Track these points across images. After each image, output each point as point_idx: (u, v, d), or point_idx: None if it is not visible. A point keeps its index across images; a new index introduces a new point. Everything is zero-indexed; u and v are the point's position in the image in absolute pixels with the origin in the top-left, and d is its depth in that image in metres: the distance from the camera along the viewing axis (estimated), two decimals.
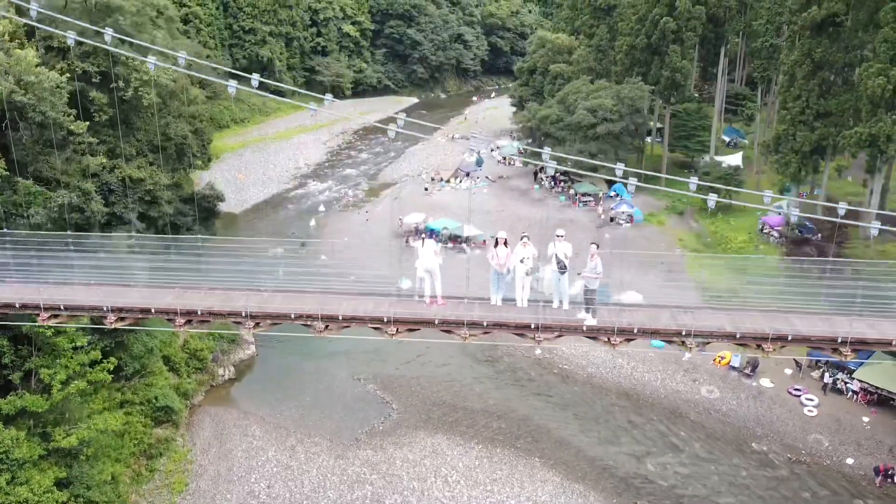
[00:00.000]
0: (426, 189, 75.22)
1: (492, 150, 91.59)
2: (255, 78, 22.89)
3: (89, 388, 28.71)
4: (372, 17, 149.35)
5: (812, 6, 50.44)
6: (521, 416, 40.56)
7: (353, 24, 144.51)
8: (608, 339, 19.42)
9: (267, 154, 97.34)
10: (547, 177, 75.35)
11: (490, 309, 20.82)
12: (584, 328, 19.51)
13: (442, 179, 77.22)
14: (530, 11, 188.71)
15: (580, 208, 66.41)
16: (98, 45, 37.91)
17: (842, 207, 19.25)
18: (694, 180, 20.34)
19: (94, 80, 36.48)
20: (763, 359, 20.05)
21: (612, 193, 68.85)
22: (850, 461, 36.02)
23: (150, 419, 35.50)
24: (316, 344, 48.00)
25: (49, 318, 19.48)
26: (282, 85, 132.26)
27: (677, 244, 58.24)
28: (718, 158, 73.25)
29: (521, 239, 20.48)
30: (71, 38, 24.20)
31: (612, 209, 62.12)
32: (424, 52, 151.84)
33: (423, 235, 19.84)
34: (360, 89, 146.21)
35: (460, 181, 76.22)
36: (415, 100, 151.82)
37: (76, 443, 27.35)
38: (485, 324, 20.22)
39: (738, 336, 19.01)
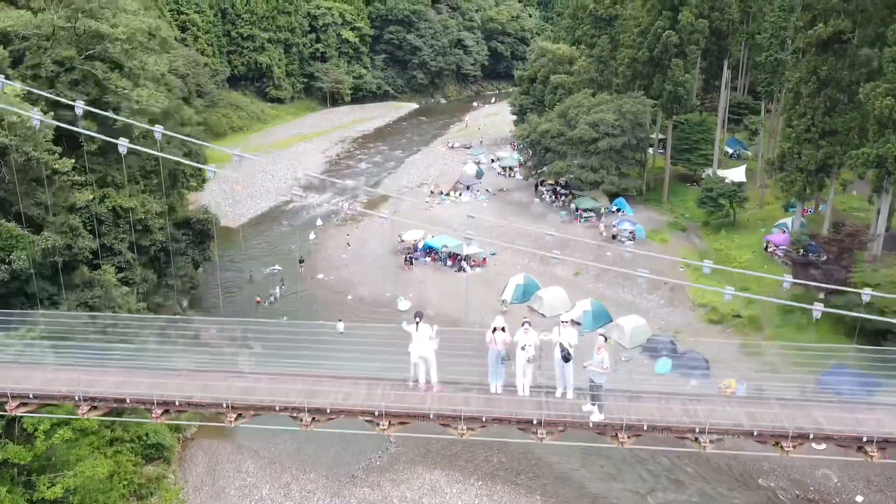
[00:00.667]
0: (427, 202, 74.26)
1: (492, 161, 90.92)
2: None
3: (75, 436, 27.77)
4: (371, 23, 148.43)
5: (818, 23, 49.41)
6: (521, 449, 39.60)
7: (352, 29, 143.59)
8: (616, 435, 17.83)
9: (266, 162, 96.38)
10: (548, 190, 74.41)
11: (489, 400, 19.07)
12: (591, 424, 18.00)
13: (441, 192, 76.27)
14: (530, 16, 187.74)
15: (582, 224, 65.46)
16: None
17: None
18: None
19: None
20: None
21: (615, 208, 67.93)
22: (859, 499, 35.10)
23: (141, 457, 34.59)
24: None
25: (17, 406, 18.24)
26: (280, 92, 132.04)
27: (680, 262, 57.29)
28: (721, 172, 72.26)
29: (522, 325, 18.99)
30: (79, 106, 23.10)
31: (614, 226, 61.20)
32: (424, 58, 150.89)
33: (418, 319, 18.24)
34: (360, 95, 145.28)
35: (460, 194, 75.29)
36: (414, 105, 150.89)
37: (61, 493, 26.49)
38: (483, 419, 18.52)
39: (755, 434, 17.56)
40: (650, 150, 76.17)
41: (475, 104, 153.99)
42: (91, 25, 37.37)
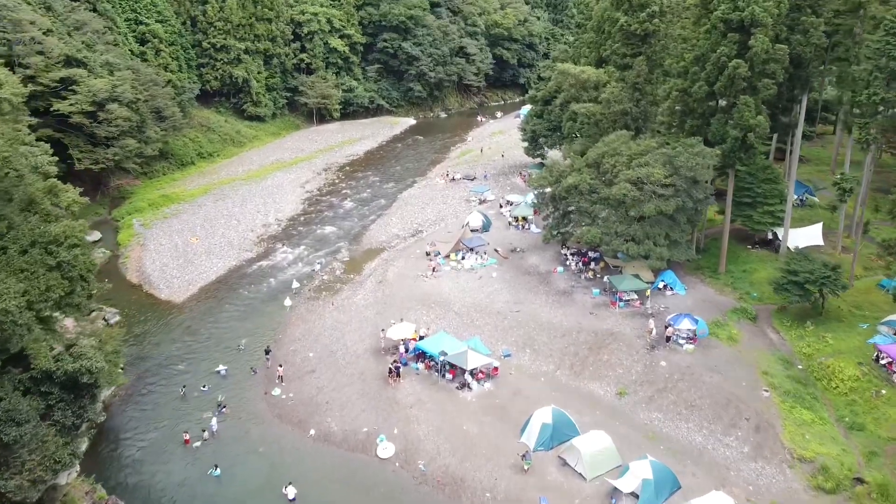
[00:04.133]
0: (421, 275, 59.26)
1: (500, 207, 75.92)
2: None
3: None
4: (363, 30, 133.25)
5: None
6: None
7: (341, 37, 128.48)
8: None
9: (232, 203, 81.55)
10: (572, 254, 59.47)
11: None
12: None
13: (439, 254, 61.34)
14: (539, 18, 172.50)
15: (621, 308, 50.47)
16: None
17: None
18: None
19: None
20: None
21: (661, 284, 52.99)
22: None
23: None
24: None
25: None
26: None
27: (761, 378, 42.29)
28: (793, 233, 57.30)
29: None
30: None
31: (669, 324, 46.11)
32: (422, 68, 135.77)
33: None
34: (350, 110, 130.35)
35: (463, 257, 60.35)
36: (411, 121, 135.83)
37: None
38: None
39: None
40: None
41: (479, 118, 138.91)
42: None
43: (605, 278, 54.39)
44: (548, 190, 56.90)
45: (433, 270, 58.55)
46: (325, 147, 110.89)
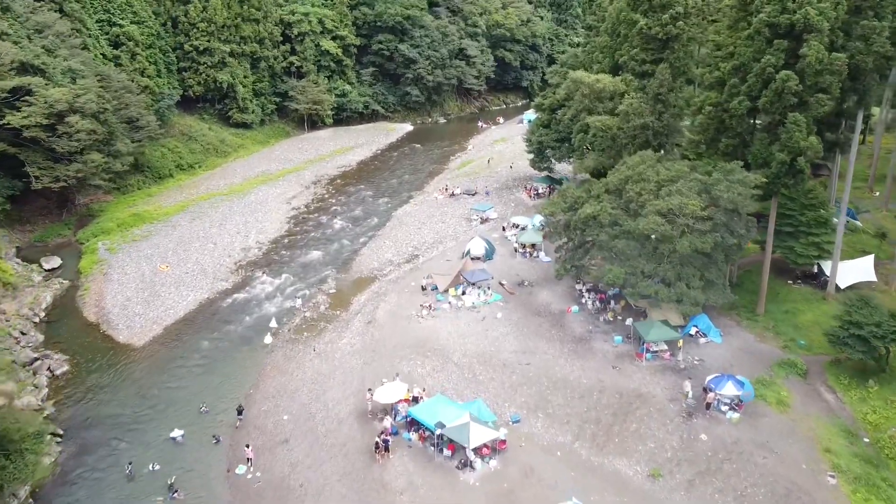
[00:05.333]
0: (415, 314, 52.05)
1: (503, 230, 68.62)
2: None
3: None
4: (357, 31, 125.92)
5: None
6: None
7: (333, 39, 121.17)
8: None
9: (210, 222, 74.32)
10: (588, 290, 52.25)
11: None
12: None
13: (436, 288, 54.09)
14: (542, 18, 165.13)
15: (648, 361, 43.22)
16: None
17: None
18: None
19: None
20: None
21: (693, 329, 45.76)
22: None
23: None
24: None
25: None
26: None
27: (823, 458, 35.09)
28: (843, 266, 50.08)
29: None
30: None
31: (709, 387, 38.79)
32: (420, 71, 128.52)
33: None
34: (343, 116, 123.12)
35: (463, 292, 53.09)
36: (408, 127, 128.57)
37: None
38: None
39: None
40: None
41: (480, 124, 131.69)
42: None
43: (629, 321, 47.18)
44: (561, 217, 49.59)
45: (429, 308, 51.30)
46: (315, 157, 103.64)
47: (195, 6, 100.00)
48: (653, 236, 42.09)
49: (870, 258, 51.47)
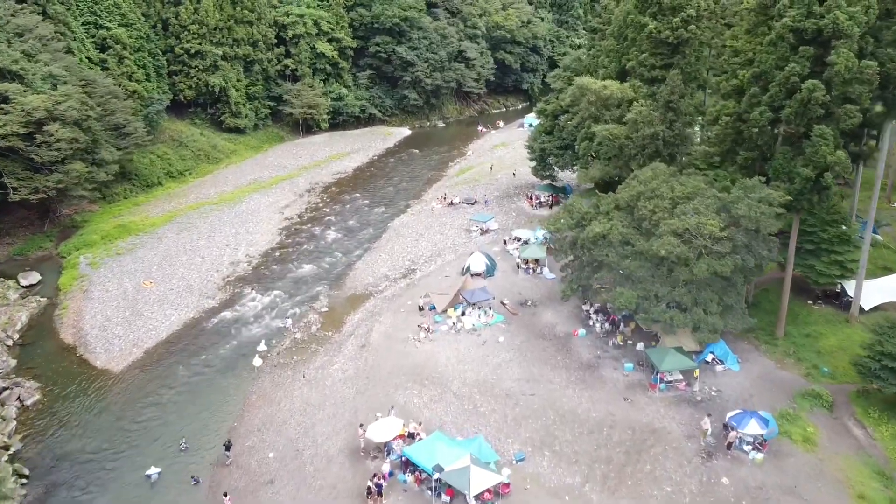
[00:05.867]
0: (412, 337, 48.98)
1: (504, 243, 65.39)
2: None
3: None
4: (353, 33, 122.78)
5: None
6: None
7: (329, 41, 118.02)
8: None
9: (199, 234, 71.20)
10: (596, 312, 49.13)
11: None
12: None
13: (434, 308, 50.99)
14: (542, 19, 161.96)
15: (661, 392, 40.12)
16: None
17: None
18: None
19: None
20: None
21: (709, 356, 42.71)
22: None
23: None
24: None
25: None
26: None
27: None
28: (867, 286, 47.02)
29: None
30: None
31: (732, 426, 35.64)
32: (418, 74, 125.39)
33: None
34: (340, 120, 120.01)
35: (463, 313, 49.97)
36: (406, 131, 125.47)
37: None
38: None
39: None
40: None
41: (480, 128, 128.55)
42: None
43: (640, 346, 44.14)
44: (567, 234, 46.48)
45: (427, 331, 48.22)
46: (309, 163, 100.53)
47: (186, 8, 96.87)
48: (668, 258, 38.97)
49: (894, 277, 48.40)
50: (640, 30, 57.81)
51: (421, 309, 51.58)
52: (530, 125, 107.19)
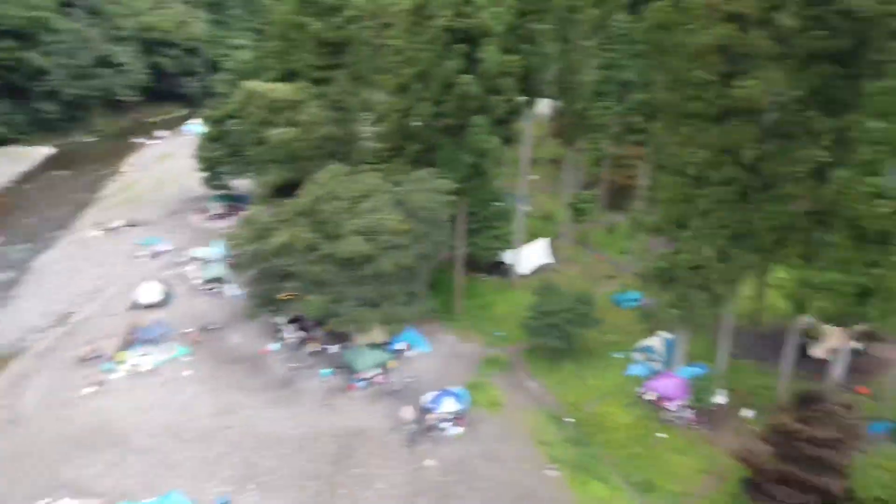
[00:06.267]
0: (89, 376, 41.32)
1: (178, 265, 59.08)
2: None
3: None
4: None
5: None
6: None
7: None
8: None
9: None
10: (286, 324, 47.06)
11: None
12: None
13: (100, 357, 43.68)
14: (199, 18, 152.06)
15: (361, 391, 39.86)
16: None
17: None
18: None
19: None
20: None
21: (403, 345, 43.94)
22: None
23: None
24: None
25: None
26: None
27: (541, 451, 35.58)
28: (527, 249, 52.98)
29: None
30: None
31: (428, 408, 36.59)
32: (54, 84, 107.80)
33: None
34: None
35: (142, 354, 43.66)
36: (47, 150, 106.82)
37: None
38: None
39: None
40: None
41: (143, 141, 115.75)
42: None
43: (336, 348, 43.49)
44: (248, 249, 43.39)
45: (98, 384, 41.13)
46: None
47: None
48: (354, 258, 38.71)
49: (545, 241, 55.54)
50: (303, 30, 56.68)
51: (83, 360, 43.79)
52: (197, 133, 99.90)
